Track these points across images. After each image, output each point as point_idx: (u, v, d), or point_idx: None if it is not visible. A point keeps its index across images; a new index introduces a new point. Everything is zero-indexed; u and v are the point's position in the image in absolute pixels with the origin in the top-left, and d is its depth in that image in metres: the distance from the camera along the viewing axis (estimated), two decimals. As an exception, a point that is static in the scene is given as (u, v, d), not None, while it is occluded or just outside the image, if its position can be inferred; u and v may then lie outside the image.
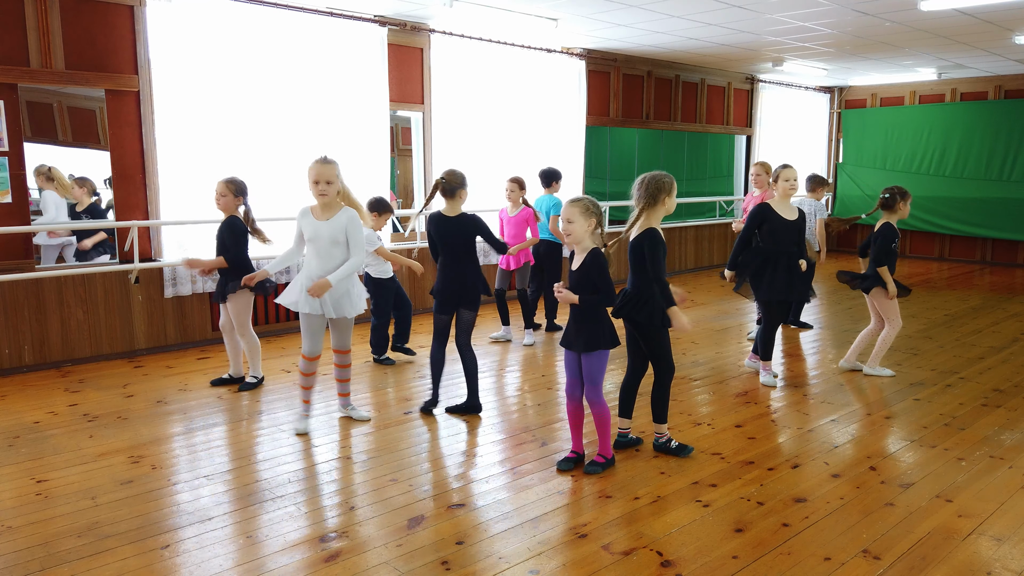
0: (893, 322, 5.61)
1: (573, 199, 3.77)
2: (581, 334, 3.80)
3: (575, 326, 3.84)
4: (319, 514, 3.47)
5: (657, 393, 4.20)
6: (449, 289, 4.69)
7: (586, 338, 3.79)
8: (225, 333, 5.44)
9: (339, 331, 4.52)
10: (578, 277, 3.80)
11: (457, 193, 4.64)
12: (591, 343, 3.79)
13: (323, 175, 4.20)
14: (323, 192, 4.21)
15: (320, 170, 4.20)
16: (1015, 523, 3.40)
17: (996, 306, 8.69)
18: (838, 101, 13.81)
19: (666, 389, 4.20)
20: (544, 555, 3.11)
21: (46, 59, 5.77)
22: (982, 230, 12.26)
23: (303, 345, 4.48)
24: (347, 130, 7.35)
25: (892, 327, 5.62)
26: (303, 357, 4.50)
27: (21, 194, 5.82)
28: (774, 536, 3.28)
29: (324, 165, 4.22)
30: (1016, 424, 4.71)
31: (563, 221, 3.75)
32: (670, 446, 4.21)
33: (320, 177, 4.20)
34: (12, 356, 5.86)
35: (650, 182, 4.00)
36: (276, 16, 6.83)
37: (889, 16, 7.60)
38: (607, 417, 3.92)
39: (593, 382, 3.86)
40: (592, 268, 3.75)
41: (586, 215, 3.72)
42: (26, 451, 4.24)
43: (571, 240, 3.77)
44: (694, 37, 8.80)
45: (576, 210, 3.72)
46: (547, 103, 9.22)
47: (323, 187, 4.20)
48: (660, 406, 4.21)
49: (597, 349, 3.80)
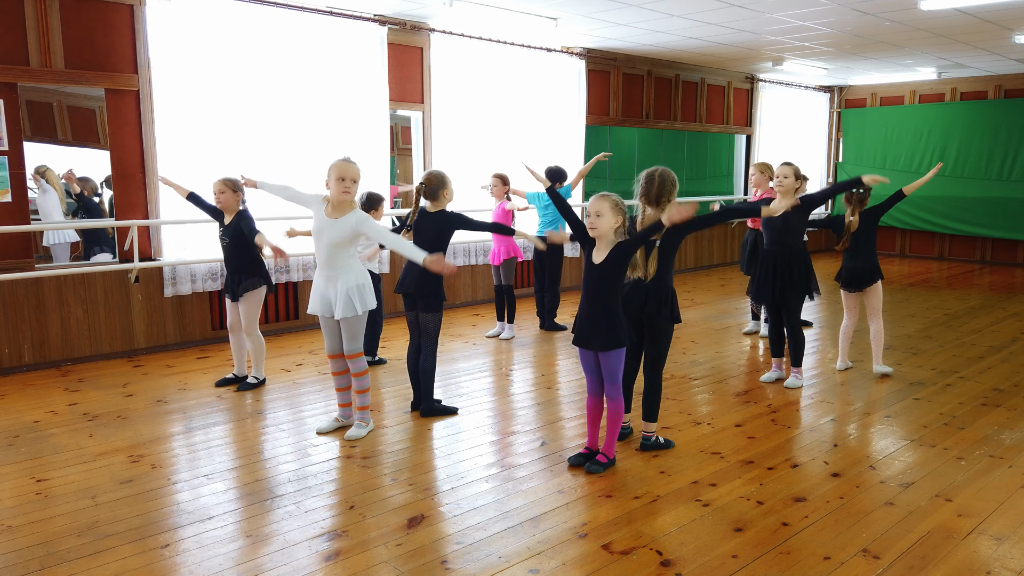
0: (879, 316, 5.69)
1: (603, 194, 3.76)
2: (599, 333, 3.76)
3: (592, 324, 3.79)
4: (319, 514, 3.47)
5: (650, 392, 4.22)
6: (407, 280, 4.66)
7: (606, 336, 3.75)
8: (232, 332, 5.43)
9: (345, 332, 4.37)
10: (602, 271, 3.75)
11: (439, 194, 4.64)
12: (611, 342, 3.76)
13: (350, 173, 4.18)
14: (347, 190, 4.18)
15: (347, 168, 4.19)
16: (1015, 522, 3.40)
17: (996, 306, 8.70)
18: (838, 100, 13.81)
19: (658, 388, 4.23)
20: (544, 554, 3.11)
21: (46, 58, 5.77)
22: (982, 230, 12.26)
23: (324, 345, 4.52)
24: (347, 129, 7.35)
25: (879, 322, 5.70)
26: (327, 356, 4.54)
27: (21, 193, 5.82)
28: (774, 535, 3.28)
29: (351, 164, 4.22)
30: (1016, 423, 4.72)
31: (591, 214, 3.73)
32: (660, 442, 4.26)
33: (347, 175, 4.17)
34: (12, 355, 5.86)
35: (662, 178, 4.01)
36: (276, 15, 6.83)
37: (889, 15, 7.60)
38: (621, 416, 3.93)
39: (613, 380, 3.84)
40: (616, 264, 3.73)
41: (615, 211, 3.72)
42: (26, 450, 4.24)
43: (595, 234, 3.75)
44: (694, 36, 8.80)
45: (606, 205, 3.70)
46: (547, 102, 9.22)
47: (348, 184, 4.18)
48: (652, 405, 4.23)
49: (617, 347, 3.77)
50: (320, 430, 4.53)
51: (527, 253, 8.75)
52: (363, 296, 4.32)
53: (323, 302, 4.33)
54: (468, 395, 5.29)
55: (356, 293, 4.28)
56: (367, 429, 4.49)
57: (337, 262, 4.27)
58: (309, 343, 6.82)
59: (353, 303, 4.27)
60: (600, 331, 3.76)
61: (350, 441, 4.38)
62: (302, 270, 7.29)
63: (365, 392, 4.47)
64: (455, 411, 4.88)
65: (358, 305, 4.28)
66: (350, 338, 4.37)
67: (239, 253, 5.20)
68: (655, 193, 4.01)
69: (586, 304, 3.82)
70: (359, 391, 4.47)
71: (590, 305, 3.80)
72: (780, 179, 5.32)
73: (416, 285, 4.63)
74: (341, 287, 4.27)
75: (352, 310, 4.28)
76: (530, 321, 7.75)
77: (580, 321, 3.86)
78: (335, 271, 4.28)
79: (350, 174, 4.18)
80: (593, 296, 3.79)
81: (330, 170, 4.21)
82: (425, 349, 4.77)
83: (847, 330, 5.85)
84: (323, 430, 4.53)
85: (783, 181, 5.30)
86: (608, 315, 3.76)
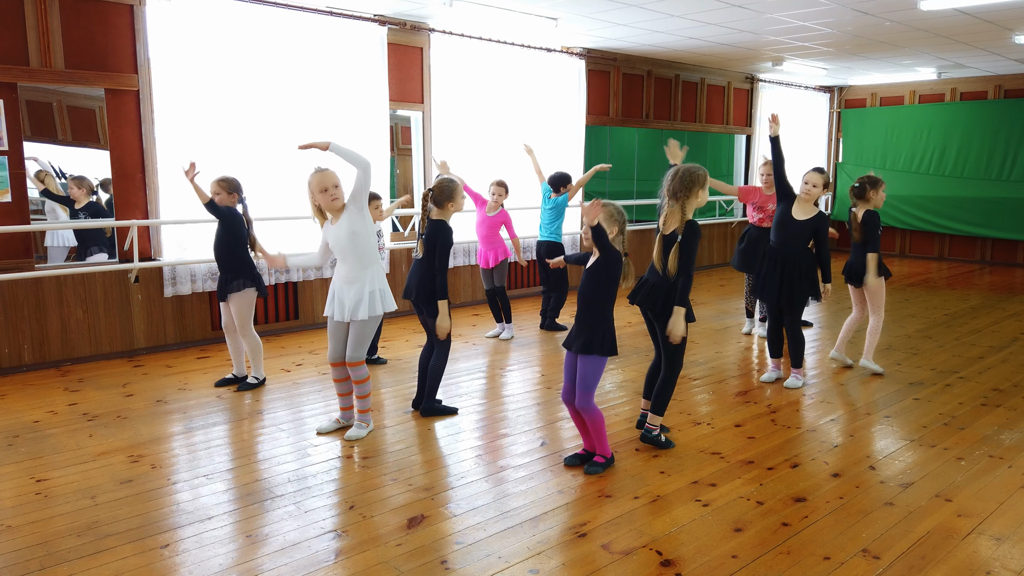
0: (880, 312, 5.69)
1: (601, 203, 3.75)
2: (581, 334, 3.79)
3: (578, 327, 3.83)
4: (319, 514, 3.47)
5: (662, 386, 4.25)
6: (411, 287, 4.70)
7: (585, 340, 3.77)
8: (228, 333, 5.43)
9: (353, 336, 4.33)
10: (591, 276, 3.79)
11: (443, 205, 4.62)
12: (588, 346, 3.76)
13: (329, 181, 4.17)
14: (334, 197, 4.18)
15: (323, 177, 4.16)
16: (1014, 522, 3.40)
17: (996, 306, 8.69)
18: (838, 100, 13.81)
19: (672, 384, 4.26)
20: (544, 554, 3.11)
21: (46, 58, 5.77)
22: (982, 230, 12.26)
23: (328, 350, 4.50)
24: (347, 130, 7.34)
25: (879, 317, 5.70)
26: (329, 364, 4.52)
27: (21, 193, 5.82)
28: (774, 536, 3.28)
29: (324, 172, 4.19)
30: (1015, 424, 4.72)
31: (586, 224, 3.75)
32: (660, 439, 4.26)
33: (327, 183, 4.16)
34: (12, 355, 5.86)
35: (684, 174, 4.08)
36: (276, 15, 6.83)
37: (889, 16, 7.60)
38: (600, 421, 3.91)
39: (586, 388, 3.80)
40: (604, 269, 3.75)
41: (610, 221, 3.76)
42: (26, 450, 4.24)
43: (590, 244, 3.76)
44: (694, 36, 8.80)
45: (602, 215, 3.73)
46: (547, 103, 9.21)
47: (332, 191, 4.17)
48: (662, 399, 4.26)
49: (593, 353, 3.76)
50: (320, 430, 4.53)
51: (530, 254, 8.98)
52: (378, 300, 4.33)
53: (340, 306, 4.32)
54: (468, 395, 5.29)
55: (371, 298, 4.29)
56: (367, 430, 4.48)
57: (360, 262, 4.26)
58: (309, 343, 6.82)
59: (367, 306, 4.26)
60: (582, 334, 3.78)
61: (350, 441, 4.38)
62: (301, 270, 7.29)
63: (366, 397, 4.47)
64: (455, 411, 4.88)
65: (371, 309, 4.27)
66: (356, 343, 4.34)
67: (228, 253, 5.20)
68: (674, 188, 4.10)
69: (578, 307, 3.86)
70: (360, 396, 4.46)
71: (580, 309, 3.84)
72: (809, 187, 5.31)
73: (418, 291, 4.65)
74: (357, 291, 4.27)
75: (364, 313, 4.25)
76: (532, 321, 7.75)
77: (573, 324, 3.91)
78: (356, 274, 4.28)
79: (330, 181, 4.17)
80: (582, 300, 3.83)
81: (310, 187, 4.19)
82: (437, 349, 4.79)
83: (851, 323, 5.88)
84: (323, 430, 4.53)
85: (811, 190, 5.30)
86: (594, 321, 3.78)
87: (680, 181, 4.07)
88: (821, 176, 5.33)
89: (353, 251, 4.24)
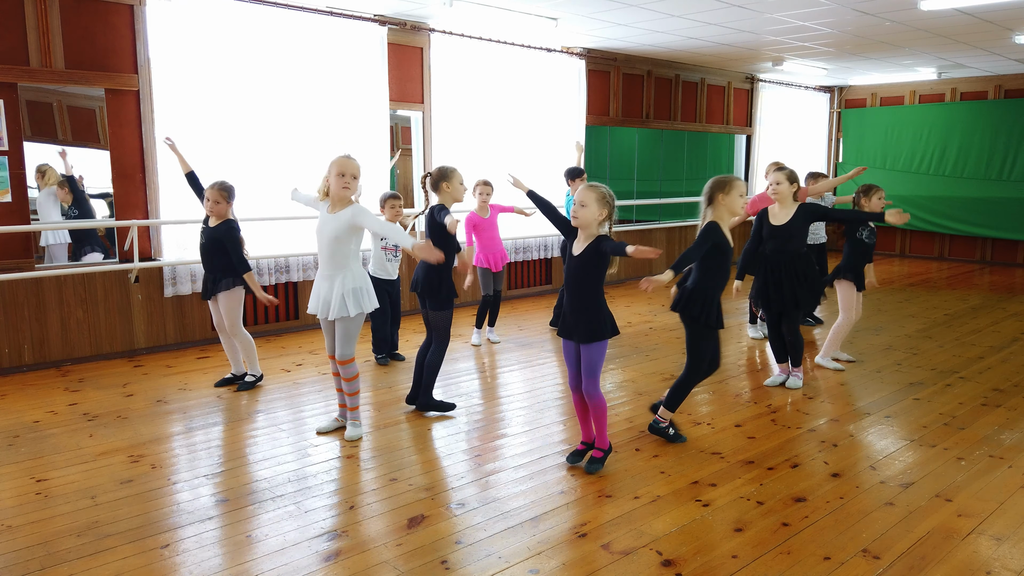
0: (847, 313, 5.78)
1: (591, 184, 3.75)
2: (580, 324, 3.76)
3: (574, 316, 3.78)
4: (319, 514, 3.47)
5: (679, 385, 4.33)
6: (418, 278, 4.72)
7: (586, 328, 3.74)
8: (221, 333, 5.42)
9: (339, 335, 4.32)
10: (580, 262, 3.73)
11: (439, 186, 4.66)
12: (592, 333, 3.74)
13: (350, 169, 4.17)
14: (346, 185, 4.16)
15: (347, 164, 4.17)
16: (1015, 522, 3.40)
17: (996, 306, 8.69)
18: (838, 100, 13.81)
19: (689, 385, 4.34)
20: (544, 554, 3.11)
21: (46, 58, 5.77)
22: (982, 230, 12.26)
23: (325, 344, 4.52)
24: (347, 129, 7.35)
25: (846, 318, 5.80)
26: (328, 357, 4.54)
27: (21, 193, 5.82)
28: (774, 536, 3.28)
29: (351, 160, 4.21)
30: (1016, 424, 4.72)
31: (576, 203, 3.72)
32: (668, 432, 4.32)
33: (347, 170, 4.16)
34: (12, 355, 5.86)
35: (710, 182, 4.24)
36: (276, 15, 6.83)
37: (889, 16, 7.60)
38: (604, 409, 3.91)
39: (591, 374, 3.82)
40: (594, 255, 3.71)
41: (600, 203, 3.68)
42: (26, 450, 4.24)
43: (577, 223, 3.73)
44: (694, 37, 8.80)
45: (592, 195, 3.67)
46: (547, 103, 9.22)
47: (348, 180, 4.16)
48: (676, 395, 4.35)
49: (597, 339, 3.76)
50: (320, 430, 4.53)
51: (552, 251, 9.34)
52: (359, 298, 4.26)
53: (322, 303, 4.31)
54: (468, 395, 5.29)
55: (351, 295, 4.23)
56: (361, 428, 4.50)
57: (336, 260, 4.24)
58: (309, 343, 6.82)
59: (347, 304, 4.22)
60: (582, 322, 3.76)
61: (350, 441, 4.38)
62: (302, 270, 7.29)
63: (355, 395, 4.46)
64: (452, 406, 4.88)
65: (351, 306, 4.22)
66: (343, 341, 4.32)
67: (216, 256, 5.16)
68: (707, 194, 4.24)
69: (567, 296, 3.82)
70: (350, 393, 4.46)
71: (571, 297, 3.79)
72: (774, 186, 5.26)
73: (421, 283, 4.66)
74: (338, 288, 4.24)
75: (345, 311, 4.21)
76: (533, 320, 7.75)
77: (564, 313, 3.87)
78: (334, 271, 4.26)
79: (350, 170, 4.17)
80: (572, 288, 3.78)
81: (331, 166, 4.20)
82: (434, 344, 4.79)
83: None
84: (323, 430, 4.53)
85: (778, 188, 5.23)
86: (590, 307, 3.75)
87: (710, 187, 4.22)
88: (783, 172, 5.24)
89: (327, 249, 4.24)
